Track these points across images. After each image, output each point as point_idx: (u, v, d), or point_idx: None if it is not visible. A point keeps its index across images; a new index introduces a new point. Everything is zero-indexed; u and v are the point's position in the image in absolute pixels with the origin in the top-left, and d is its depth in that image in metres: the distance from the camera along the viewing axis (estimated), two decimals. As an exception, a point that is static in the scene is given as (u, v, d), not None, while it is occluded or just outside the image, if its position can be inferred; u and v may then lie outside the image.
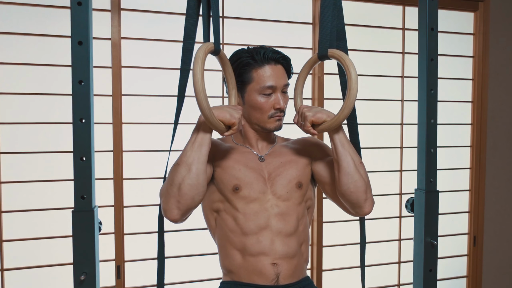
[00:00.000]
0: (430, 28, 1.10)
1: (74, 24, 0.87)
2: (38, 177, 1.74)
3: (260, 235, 1.03)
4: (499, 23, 2.31)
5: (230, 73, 1.04)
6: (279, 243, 1.04)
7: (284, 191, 1.07)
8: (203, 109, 0.86)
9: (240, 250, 1.05)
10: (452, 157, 2.32)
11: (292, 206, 1.08)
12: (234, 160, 1.08)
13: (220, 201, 1.08)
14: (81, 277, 0.87)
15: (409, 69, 2.22)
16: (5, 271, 1.72)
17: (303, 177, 1.11)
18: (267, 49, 1.08)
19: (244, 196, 1.05)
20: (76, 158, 0.88)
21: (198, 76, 0.84)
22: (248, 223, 1.04)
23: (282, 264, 1.04)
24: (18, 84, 1.71)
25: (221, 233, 1.09)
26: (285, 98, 1.10)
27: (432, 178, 1.13)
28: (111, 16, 1.76)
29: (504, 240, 2.42)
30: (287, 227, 1.05)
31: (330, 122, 0.97)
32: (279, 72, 1.07)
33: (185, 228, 1.90)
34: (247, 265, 1.04)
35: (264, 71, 1.05)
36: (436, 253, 1.13)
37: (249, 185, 1.05)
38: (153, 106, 1.86)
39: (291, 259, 1.05)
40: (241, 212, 1.04)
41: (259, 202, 1.05)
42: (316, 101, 2.05)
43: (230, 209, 1.06)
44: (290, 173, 1.09)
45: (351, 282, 2.18)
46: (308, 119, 0.99)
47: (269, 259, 1.03)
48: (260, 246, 1.03)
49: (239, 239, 1.04)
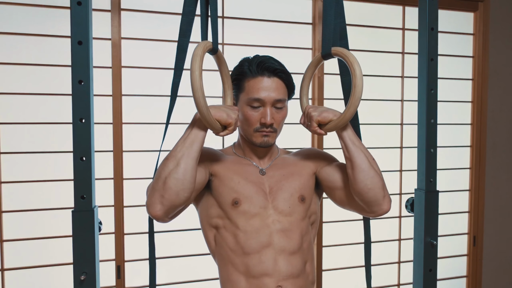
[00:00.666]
0: (430, 28, 1.10)
1: (74, 24, 0.87)
2: (38, 177, 1.74)
3: (263, 254, 0.97)
4: (498, 23, 2.31)
5: (226, 74, 1.02)
6: (283, 262, 0.98)
7: (286, 206, 1.02)
8: (200, 107, 0.84)
9: (242, 272, 0.98)
10: (452, 157, 2.32)
11: (295, 221, 1.02)
12: (233, 171, 1.03)
13: (219, 217, 1.03)
14: (81, 277, 0.87)
15: (409, 69, 2.22)
16: (5, 271, 1.72)
17: (306, 190, 1.06)
18: (266, 59, 1.01)
19: (244, 211, 0.99)
20: (76, 158, 0.88)
21: (196, 73, 0.83)
22: (249, 241, 0.98)
23: (287, 286, 0.97)
24: (18, 84, 1.71)
25: (222, 253, 1.03)
26: (279, 114, 1.03)
27: (432, 178, 1.14)
28: (111, 16, 1.76)
29: (504, 240, 2.42)
30: (290, 244, 0.99)
31: (336, 121, 0.96)
32: (273, 86, 1.00)
33: (185, 228, 1.90)
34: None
35: (255, 83, 1.00)
36: (436, 253, 1.13)
37: (249, 199, 1.00)
38: (153, 106, 1.86)
39: (296, 279, 0.99)
40: (241, 229, 0.99)
41: (260, 217, 0.99)
42: (316, 101, 2.05)
43: (229, 226, 1.00)
44: (292, 186, 1.04)
45: (351, 282, 2.18)
46: (314, 119, 0.97)
47: (273, 281, 0.96)
48: (263, 267, 0.97)
49: (241, 260, 0.98)
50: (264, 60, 1.01)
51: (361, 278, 2.19)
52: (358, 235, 2.15)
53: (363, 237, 1.18)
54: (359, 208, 1.02)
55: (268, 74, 1.00)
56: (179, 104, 1.18)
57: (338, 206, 1.10)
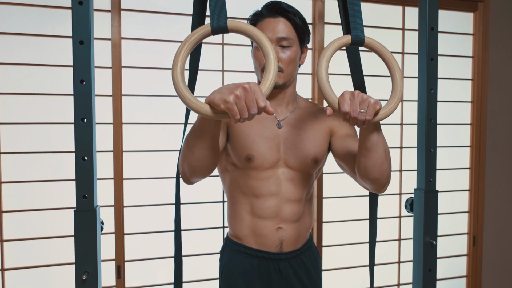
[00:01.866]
0: (430, 28, 1.10)
1: (75, 24, 0.87)
2: (38, 177, 1.74)
3: (270, 200, 1.06)
4: (498, 23, 2.31)
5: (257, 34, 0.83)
6: (286, 209, 1.07)
7: (298, 164, 1.07)
8: (184, 99, 0.76)
9: (249, 212, 1.08)
10: (452, 157, 2.32)
11: (304, 176, 1.09)
12: (249, 127, 1.04)
13: (233, 165, 1.09)
14: (83, 277, 0.87)
15: (409, 69, 2.22)
16: (5, 271, 1.72)
17: (320, 153, 1.09)
18: (273, 2, 1.04)
19: (257, 166, 1.05)
20: (78, 158, 0.88)
21: (177, 70, 0.77)
22: (259, 188, 1.06)
23: (286, 229, 1.08)
24: (19, 84, 1.71)
25: (233, 193, 1.11)
26: (286, 53, 1.02)
27: (432, 178, 1.14)
28: (111, 16, 1.77)
29: (504, 240, 2.42)
30: (295, 194, 1.08)
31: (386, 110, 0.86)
32: (277, 25, 1.01)
33: (186, 229, 1.90)
34: (254, 228, 1.08)
35: (262, 24, 1.02)
36: (436, 253, 1.13)
37: (262, 156, 1.04)
38: (153, 106, 1.86)
39: (295, 224, 1.09)
40: (253, 178, 1.06)
41: (271, 170, 1.06)
42: (316, 101, 2.05)
43: (242, 174, 1.08)
44: (307, 148, 1.07)
45: (351, 282, 2.18)
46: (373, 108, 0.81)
47: (274, 223, 1.07)
48: (268, 211, 1.06)
49: (249, 202, 1.08)
50: (271, 2, 1.04)
51: (361, 278, 2.20)
52: (358, 235, 2.15)
53: (363, 237, 1.19)
54: (360, 183, 1.05)
55: (273, 15, 1.02)
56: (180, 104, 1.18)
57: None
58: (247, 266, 1.10)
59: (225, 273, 1.14)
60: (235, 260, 1.12)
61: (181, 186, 1.05)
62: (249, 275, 1.10)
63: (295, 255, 1.12)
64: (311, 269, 1.16)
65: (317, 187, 2.06)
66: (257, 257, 1.09)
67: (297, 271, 1.12)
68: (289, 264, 1.10)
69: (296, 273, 1.12)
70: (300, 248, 1.13)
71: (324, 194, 2.09)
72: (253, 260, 1.09)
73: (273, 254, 1.08)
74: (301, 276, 1.13)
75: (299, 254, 1.13)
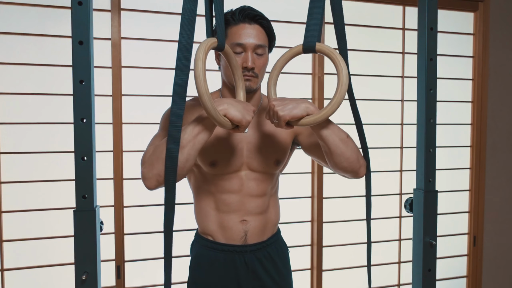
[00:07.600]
0: (429, 28, 1.10)
1: (74, 24, 0.87)
2: (38, 177, 1.74)
3: (232, 197, 1.10)
4: (498, 23, 2.31)
5: (235, 65, 0.99)
6: (250, 203, 1.11)
7: (260, 167, 1.12)
8: (209, 110, 0.83)
9: (213, 208, 1.12)
10: (452, 157, 2.32)
11: (266, 175, 1.14)
12: (215, 133, 1.06)
13: (198, 167, 1.13)
14: (83, 277, 0.87)
15: (409, 69, 2.22)
16: (5, 271, 1.72)
17: (282, 154, 1.14)
18: (247, 8, 1.05)
19: (221, 170, 1.09)
20: (77, 158, 0.88)
21: (201, 78, 0.82)
22: (223, 187, 1.10)
23: (250, 221, 1.12)
24: (18, 84, 1.71)
25: (198, 190, 1.15)
26: (260, 60, 1.05)
27: (431, 178, 1.14)
28: (111, 16, 1.77)
29: (504, 240, 2.42)
30: (258, 191, 1.12)
31: (314, 117, 0.91)
32: (254, 32, 1.03)
33: (184, 229, 1.90)
34: (220, 222, 1.12)
35: (237, 29, 1.03)
36: (435, 253, 1.13)
37: (225, 161, 1.08)
38: (153, 106, 1.86)
39: (259, 216, 1.13)
40: (217, 179, 1.11)
41: (235, 173, 1.11)
42: (316, 101, 2.05)
43: (206, 175, 1.12)
44: (270, 151, 1.12)
45: (351, 282, 2.18)
46: (282, 119, 0.91)
47: (238, 216, 1.11)
48: (232, 207, 1.11)
49: (213, 198, 1.12)
50: (245, 8, 1.05)
51: (361, 278, 2.19)
52: (358, 235, 2.15)
53: (363, 237, 1.19)
54: (338, 173, 1.10)
55: (249, 21, 1.04)
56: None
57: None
58: (213, 259, 1.13)
59: (193, 265, 1.18)
60: (202, 254, 1.16)
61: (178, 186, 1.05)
62: (215, 267, 1.13)
63: (260, 247, 1.15)
64: (278, 262, 1.19)
65: (317, 187, 2.06)
66: (223, 250, 1.12)
67: (263, 263, 1.15)
68: (254, 256, 1.14)
69: (262, 265, 1.15)
70: (266, 241, 1.17)
71: (324, 194, 2.09)
72: (219, 253, 1.13)
73: (238, 246, 1.12)
74: (268, 268, 1.16)
75: (265, 247, 1.16)
